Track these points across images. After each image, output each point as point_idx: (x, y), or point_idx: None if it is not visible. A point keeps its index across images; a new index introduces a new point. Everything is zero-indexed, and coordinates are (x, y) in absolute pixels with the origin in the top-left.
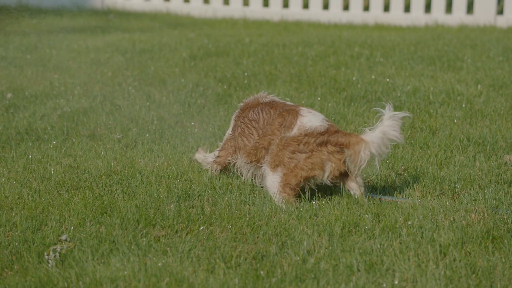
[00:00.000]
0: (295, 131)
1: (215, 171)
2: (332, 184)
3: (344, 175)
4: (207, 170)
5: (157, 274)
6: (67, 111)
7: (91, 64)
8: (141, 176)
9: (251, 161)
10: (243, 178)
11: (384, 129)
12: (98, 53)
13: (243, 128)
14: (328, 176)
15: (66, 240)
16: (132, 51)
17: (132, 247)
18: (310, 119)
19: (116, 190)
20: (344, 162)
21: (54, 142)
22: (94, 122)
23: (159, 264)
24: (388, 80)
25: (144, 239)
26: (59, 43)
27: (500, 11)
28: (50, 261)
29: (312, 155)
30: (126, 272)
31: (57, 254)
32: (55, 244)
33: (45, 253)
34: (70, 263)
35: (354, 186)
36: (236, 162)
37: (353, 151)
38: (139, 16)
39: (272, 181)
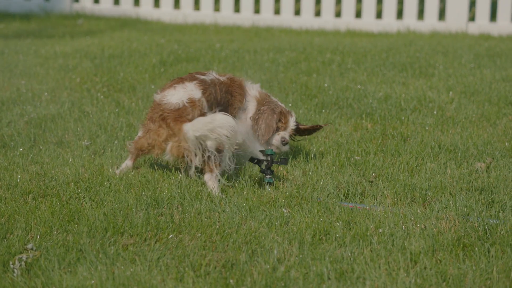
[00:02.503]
0: (158, 97)
1: None
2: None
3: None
4: (176, 177)
5: (125, 283)
6: (34, 118)
7: (59, 70)
8: (110, 183)
9: None
10: None
11: (213, 124)
12: (66, 58)
13: None
14: (169, 157)
15: (32, 248)
16: (101, 57)
17: (100, 256)
18: (173, 94)
19: (84, 197)
20: (181, 147)
21: (21, 149)
22: (62, 128)
23: (127, 273)
24: (359, 86)
25: (112, 248)
26: (26, 49)
27: (472, 18)
28: (15, 270)
29: (157, 130)
30: (93, 281)
31: (23, 263)
32: (20, 253)
33: (11, 262)
34: (36, 272)
35: (206, 178)
36: None
37: (177, 138)
38: (108, 21)
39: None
